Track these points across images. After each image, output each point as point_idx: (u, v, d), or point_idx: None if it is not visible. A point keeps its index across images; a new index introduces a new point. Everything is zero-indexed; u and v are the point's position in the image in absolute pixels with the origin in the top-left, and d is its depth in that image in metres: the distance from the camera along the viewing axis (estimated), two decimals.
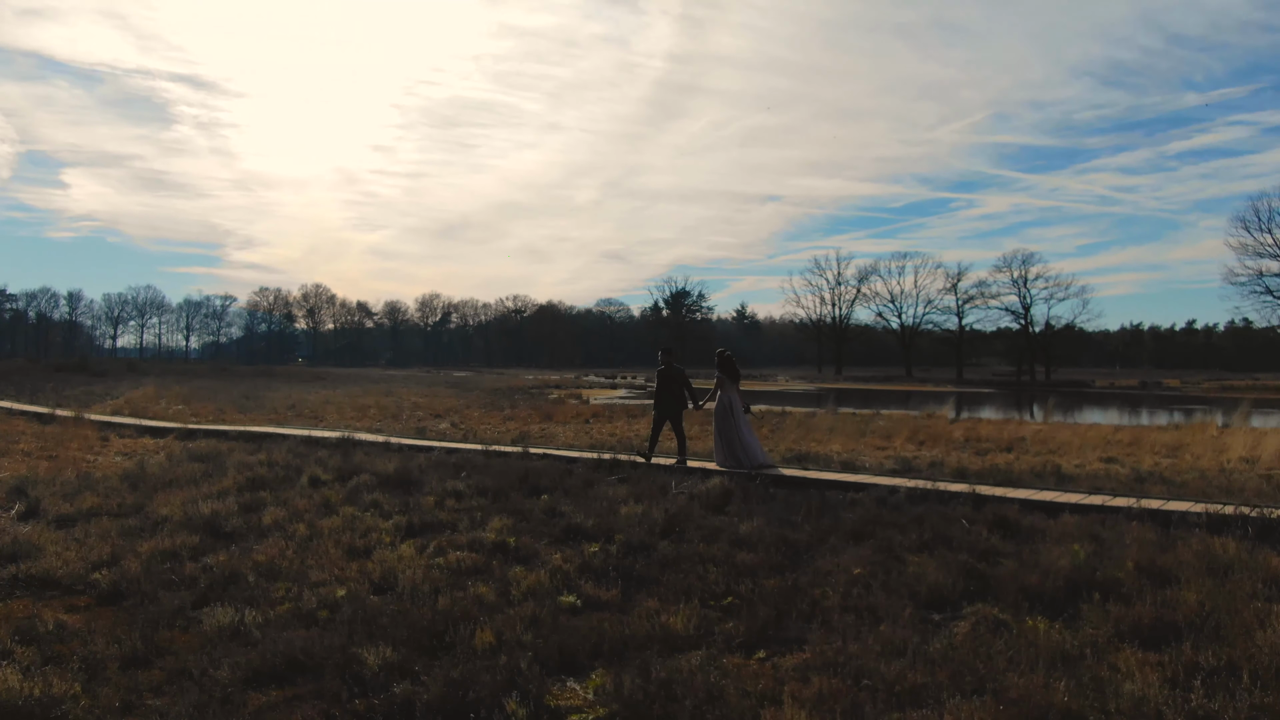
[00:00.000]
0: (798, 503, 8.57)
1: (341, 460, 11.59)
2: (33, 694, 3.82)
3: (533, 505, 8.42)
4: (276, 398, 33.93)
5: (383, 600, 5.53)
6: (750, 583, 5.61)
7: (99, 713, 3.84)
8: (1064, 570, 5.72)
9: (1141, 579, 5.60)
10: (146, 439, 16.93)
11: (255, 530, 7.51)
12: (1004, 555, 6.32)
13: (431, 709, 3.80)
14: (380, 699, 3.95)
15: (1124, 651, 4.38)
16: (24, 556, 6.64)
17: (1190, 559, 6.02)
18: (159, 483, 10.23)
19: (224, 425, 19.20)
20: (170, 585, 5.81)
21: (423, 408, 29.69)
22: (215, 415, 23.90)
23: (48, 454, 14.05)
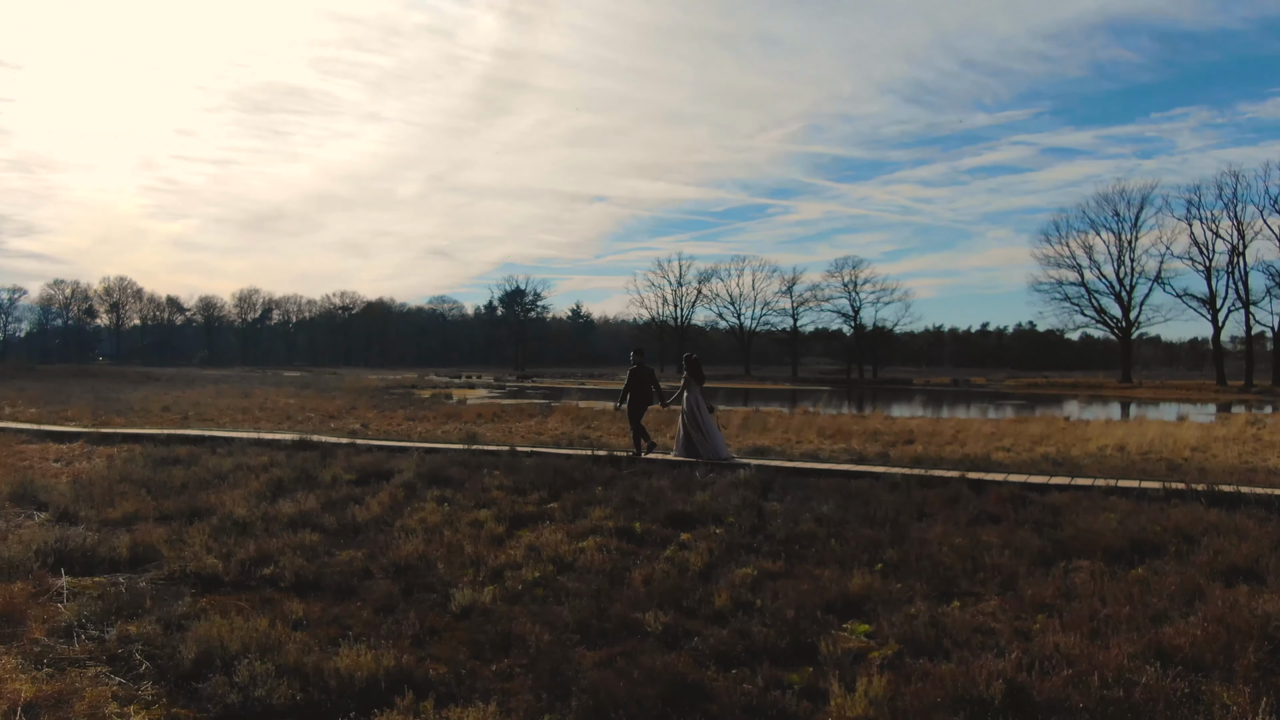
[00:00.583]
0: (825, 489, 9.54)
1: (346, 461, 11.54)
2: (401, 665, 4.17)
3: (597, 496, 8.95)
4: (134, 399, 31.70)
5: (569, 579, 6.01)
6: (893, 551, 6.49)
7: (471, 683, 4.22)
8: (1118, 533, 6.98)
9: (1176, 537, 6.95)
10: (58, 445, 15.76)
11: (352, 527, 7.65)
12: (1053, 525, 7.55)
13: (758, 650, 4.45)
14: (696, 649, 4.54)
15: (1216, 585, 5.62)
16: (150, 559, 6.56)
17: (1186, 522, 7.46)
18: (167, 488, 9.92)
19: (135, 429, 18.07)
20: (357, 576, 6.00)
21: (309, 409, 28.71)
22: (92, 419, 22.28)
23: None
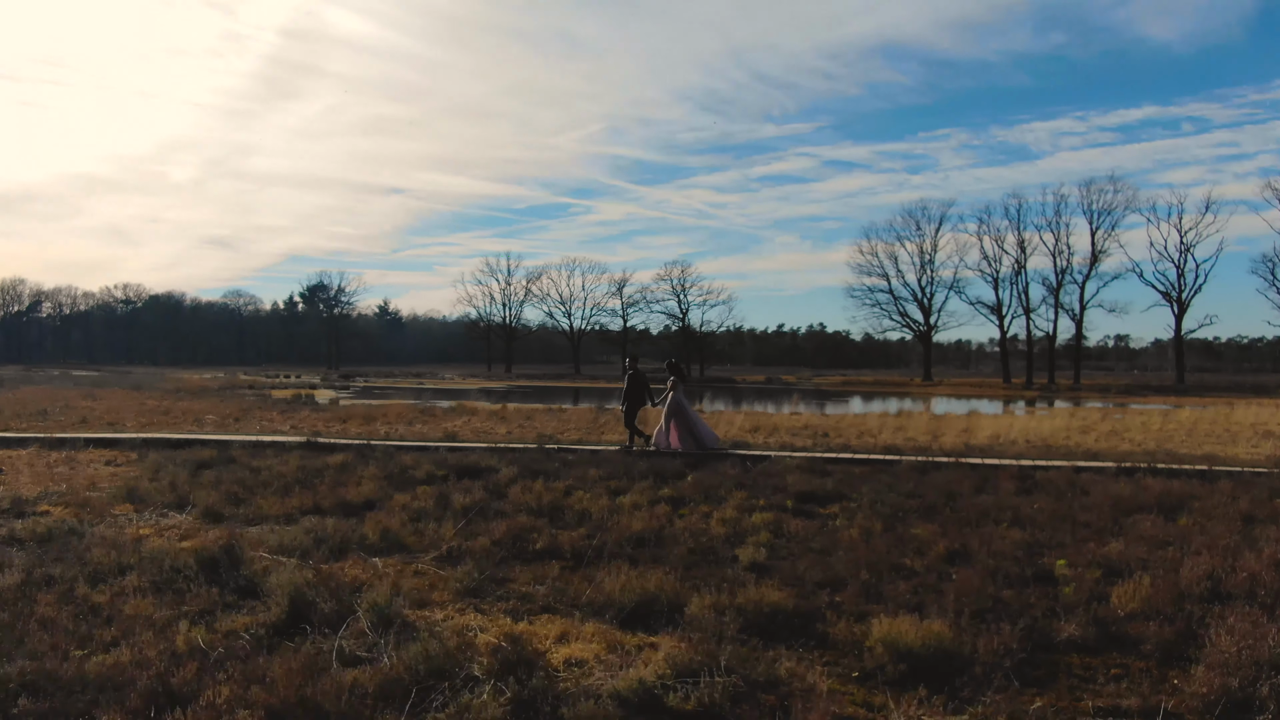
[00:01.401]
0: (857, 476, 11.51)
1: (423, 458, 12.27)
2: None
3: (685, 485, 10.44)
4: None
5: (791, 544, 7.54)
6: (1010, 516, 8.49)
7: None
8: (1139, 497, 9.36)
9: (1179, 499, 9.40)
10: (11, 451, 15.02)
11: (534, 511, 8.75)
12: (1084, 493, 9.85)
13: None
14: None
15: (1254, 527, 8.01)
16: (400, 547, 7.42)
17: (1168, 489, 10.01)
18: (271, 488, 10.40)
19: (91, 434, 17.30)
20: (608, 551, 7.22)
21: (180, 412, 27.57)
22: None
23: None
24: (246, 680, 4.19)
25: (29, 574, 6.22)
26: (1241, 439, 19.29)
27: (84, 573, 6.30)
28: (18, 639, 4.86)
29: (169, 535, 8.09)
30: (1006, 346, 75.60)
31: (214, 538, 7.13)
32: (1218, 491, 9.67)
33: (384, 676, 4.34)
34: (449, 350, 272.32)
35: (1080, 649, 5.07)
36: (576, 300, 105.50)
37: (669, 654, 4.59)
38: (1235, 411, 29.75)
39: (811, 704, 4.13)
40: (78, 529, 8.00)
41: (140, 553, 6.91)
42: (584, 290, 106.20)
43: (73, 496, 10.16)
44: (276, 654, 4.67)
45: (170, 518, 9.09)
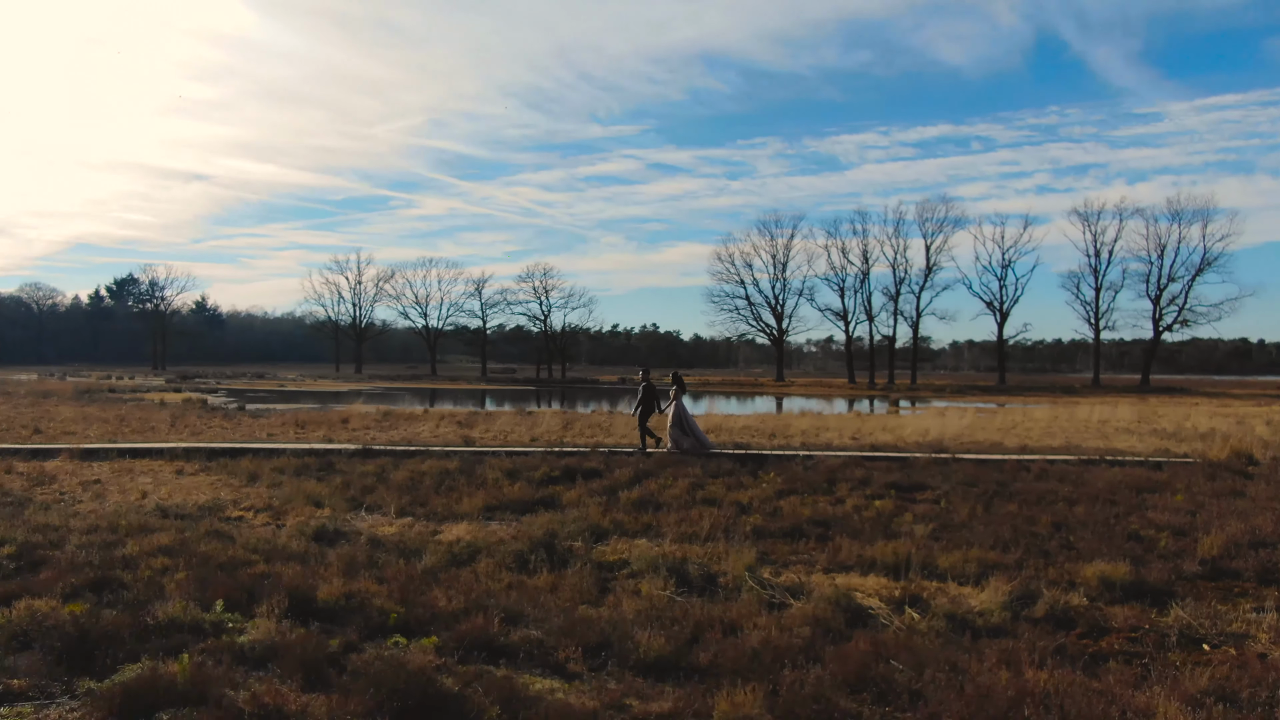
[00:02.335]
0: (898, 469, 14.00)
1: (519, 462, 13.63)
2: None
3: (776, 481, 12.55)
4: None
5: (928, 523, 9.79)
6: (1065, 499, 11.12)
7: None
8: (1130, 481, 12.30)
9: (1151, 483, 12.42)
10: (82, 463, 14.98)
11: (654, 504, 10.58)
12: (1076, 482, 12.72)
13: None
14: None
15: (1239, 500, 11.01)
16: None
17: (1142, 476, 13.08)
18: (380, 489, 11.62)
19: (125, 444, 17.16)
20: (830, 532, 9.23)
21: (131, 422, 26.86)
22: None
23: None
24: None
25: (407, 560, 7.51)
26: (1117, 434, 23.43)
27: (447, 558, 7.66)
28: (522, 601, 6.32)
29: (419, 531, 9.34)
30: (851, 349, 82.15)
31: (511, 531, 8.57)
32: (1179, 475, 12.82)
33: (807, 615, 6.20)
34: (273, 348, 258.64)
35: (1202, 578, 7.61)
36: (433, 300, 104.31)
37: (1008, 591, 6.72)
38: (1078, 410, 35.00)
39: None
40: (344, 530, 9.13)
41: (438, 543, 8.27)
42: (440, 290, 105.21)
43: (232, 506, 10.99)
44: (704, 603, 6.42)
45: (367, 518, 10.21)
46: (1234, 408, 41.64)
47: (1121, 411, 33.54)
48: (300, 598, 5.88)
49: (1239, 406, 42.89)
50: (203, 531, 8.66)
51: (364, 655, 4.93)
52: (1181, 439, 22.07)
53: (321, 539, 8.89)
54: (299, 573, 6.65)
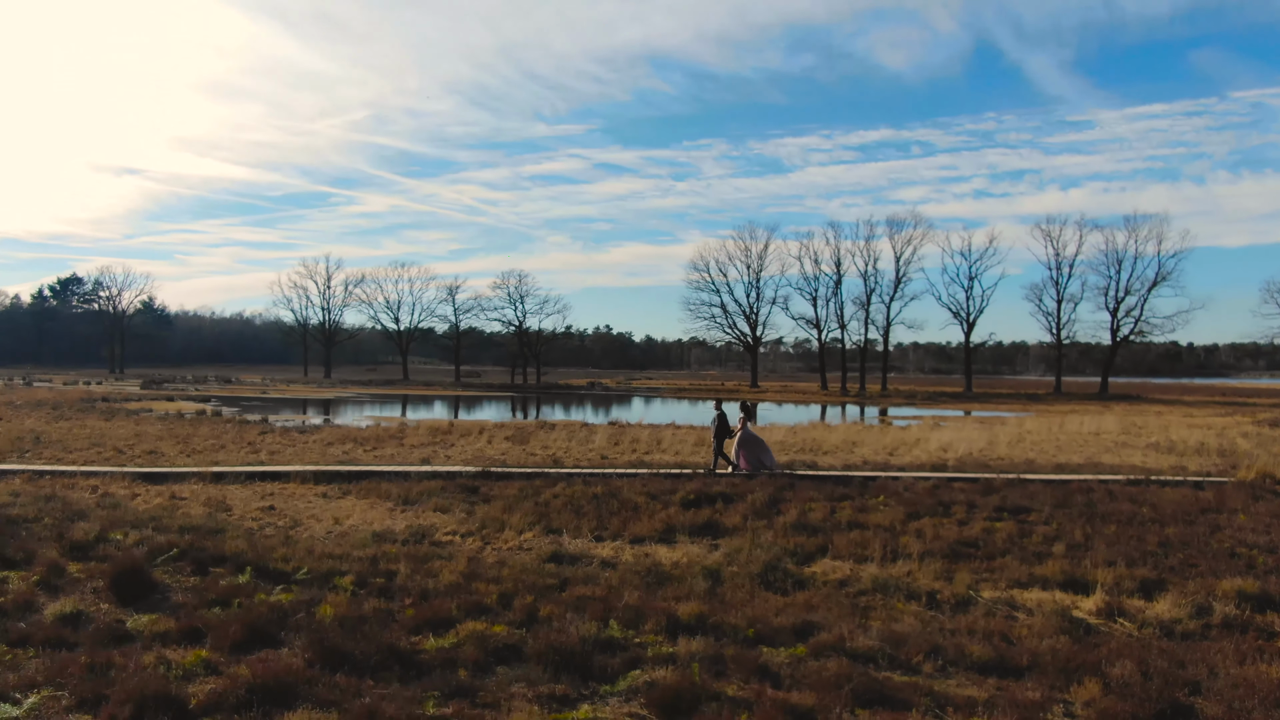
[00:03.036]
0: (982, 491, 15.84)
1: (657, 486, 15.15)
2: None
3: (877, 503, 14.29)
4: None
5: (1053, 543, 11.59)
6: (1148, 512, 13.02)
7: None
8: (1191, 501, 14.29)
9: (1209, 503, 14.42)
10: (216, 486, 16.06)
11: (811, 527, 12.25)
12: (1134, 501, 14.68)
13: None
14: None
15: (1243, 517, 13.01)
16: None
17: (1193, 496, 15.09)
18: (557, 513, 13.10)
19: (244, 467, 18.17)
20: (998, 551, 10.96)
21: (195, 442, 27.61)
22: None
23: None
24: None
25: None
26: (1121, 449, 25.70)
27: (703, 578, 9.20)
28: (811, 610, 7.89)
29: (633, 554, 10.84)
30: (824, 356, 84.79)
31: (719, 555, 10.16)
32: (1225, 496, 14.87)
33: (1039, 627, 7.89)
34: (223, 349, 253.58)
35: None
36: (405, 305, 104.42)
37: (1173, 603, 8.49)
38: (1066, 421, 37.56)
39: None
40: (566, 553, 10.60)
41: (666, 565, 9.82)
42: (412, 295, 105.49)
43: (433, 531, 12.33)
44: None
45: (570, 541, 11.67)
46: (1198, 418, 44.76)
47: (1106, 423, 36.13)
48: (670, 619, 7.37)
49: (1202, 416, 46.07)
50: (464, 561, 10.03)
51: (823, 666, 6.48)
52: (1182, 453, 24.41)
53: (558, 561, 10.36)
54: (639, 597, 8.13)
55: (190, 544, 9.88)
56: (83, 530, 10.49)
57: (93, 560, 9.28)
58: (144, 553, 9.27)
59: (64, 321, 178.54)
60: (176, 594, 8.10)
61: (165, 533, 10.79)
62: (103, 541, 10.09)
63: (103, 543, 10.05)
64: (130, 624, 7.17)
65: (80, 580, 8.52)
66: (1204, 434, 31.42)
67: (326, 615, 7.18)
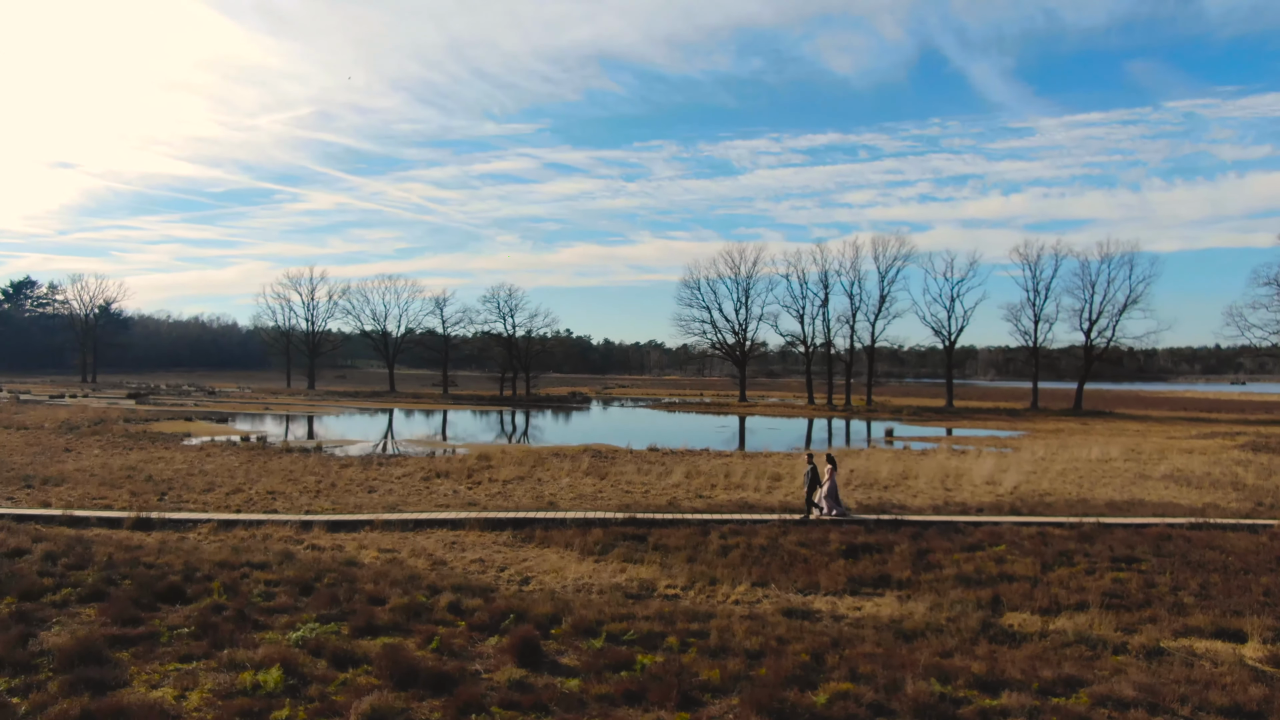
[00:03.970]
0: (1078, 538, 18.31)
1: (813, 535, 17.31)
2: None
3: (1001, 552, 16.66)
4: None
5: (1174, 591, 14.03)
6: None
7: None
8: (1270, 549, 16.89)
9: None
10: (387, 534, 17.82)
11: (968, 578, 14.54)
12: (1215, 548, 17.25)
13: None
14: None
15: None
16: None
17: (1254, 540, 17.71)
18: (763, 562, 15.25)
19: (402, 514, 19.89)
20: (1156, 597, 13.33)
21: (299, 478, 29.01)
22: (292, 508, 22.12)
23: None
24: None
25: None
26: (1141, 482, 28.50)
27: (927, 631, 11.40)
28: None
29: (849, 604, 13.00)
30: (810, 370, 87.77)
31: (922, 608, 12.38)
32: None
33: (1241, 676, 10.25)
34: (181, 354, 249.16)
35: None
36: (392, 317, 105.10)
37: None
38: (1071, 444, 40.54)
39: None
40: (796, 609, 12.74)
41: (888, 620, 12.02)
42: (400, 307, 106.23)
43: (645, 584, 14.34)
44: None
45: (776, 594, 13.79)
46: (1180, 439, 48.33)
47: (1108, 447, 39.21)
48: (973, 676, 9.55)
49: (1183, 437, 49.64)
50: (739, 620, 12.09)
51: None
52: (1199, 486, 27.28)
53: (791, 615, 12.48)
54: (918, 656, 10.29)
55: (504, 608, 11.79)
56: (423, 594, 12.34)
57: (461, 625, 11.20)
58: (531, 624, 11.17)
59: (16, 325, 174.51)
60: (567, 657, 10.05)
61: (464, 593, 12.66)
62: (451, 607, 11.97)
63: (453, 609, 11.93)
64: (562, 686, 9.13)
65: (473, 645, 10.40)
66: (1203, 461, 34.55)
67: (762, 674, 9.24)
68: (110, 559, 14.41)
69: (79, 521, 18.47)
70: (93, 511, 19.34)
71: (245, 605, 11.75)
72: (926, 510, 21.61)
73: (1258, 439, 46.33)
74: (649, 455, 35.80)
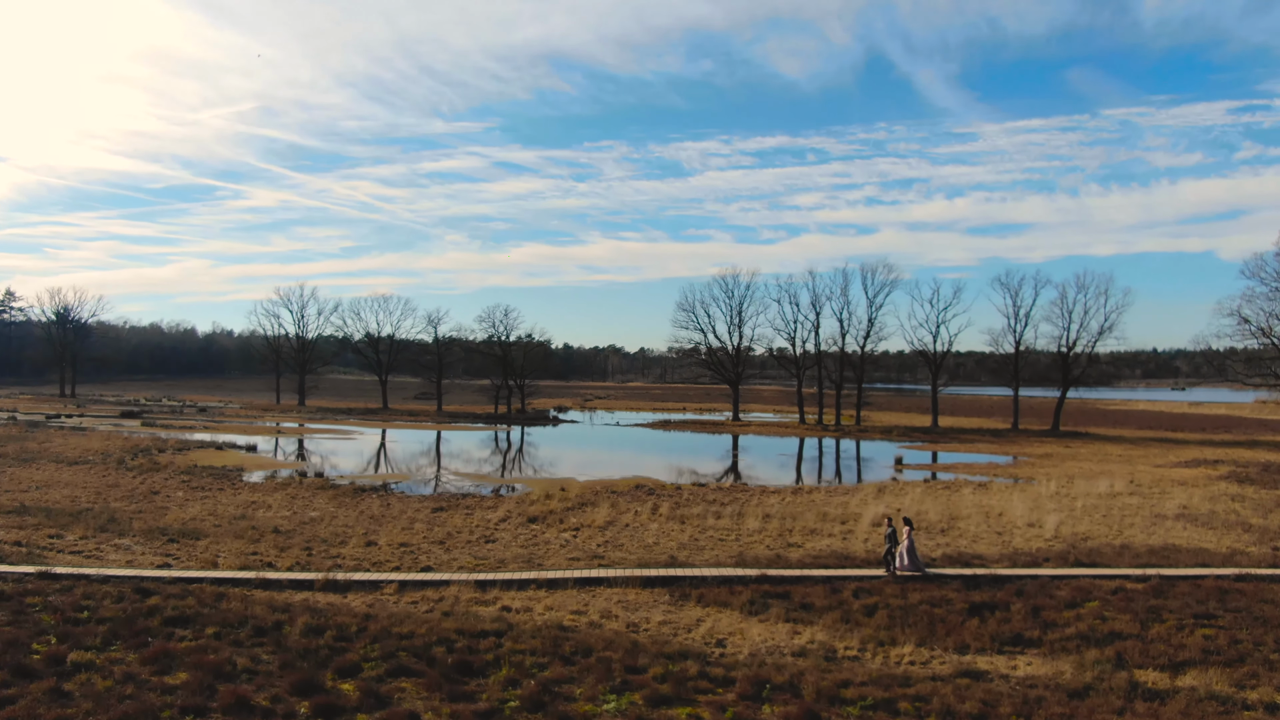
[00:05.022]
0: (1138, 593, 21.45)
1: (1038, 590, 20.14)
2: None
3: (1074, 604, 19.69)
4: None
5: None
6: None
7: None
8: None
9: None
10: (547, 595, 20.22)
11: (1091, 638, 17.51)
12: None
13: None
14: None
15: None
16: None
17: None
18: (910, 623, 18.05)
19: (542, 573, 22.24)
20: None
21: (355, 528, 31.01)
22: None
23: None
24: None
25: None
26: (1161, 523, 31.85)
27: (1118, 685, 14.27)
28: None
29: (1004, 664, 15.83)
30: (801, 391, 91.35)
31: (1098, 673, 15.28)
32: None
33: None
34: (140, 361, 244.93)
35: None
36: (385, 334, 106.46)
37: None
38: (1076, 475, 44.13)
39: None
40: (1006, 674, 15.55)
41: (1052, 670, 14.90)
42: (393, 325, 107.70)
43: (826, 648, 17.02)
44: None
45: (945, 656, 16.57)
46: (1168, 469, 52.36)
47: (1115, 483, 42.82)
48: None
49: (1169, 467, 53.69)
50: (926, 687, 14.82)
51: None
52: (1209, 524, 30.76)
53: (966, 676, 15.27)
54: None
55: (751, 676, 14.39)
56: (664, 663, 14.86)
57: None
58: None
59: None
60: None
61: (689, 659, 15.21)
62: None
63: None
64: None
65: (755, 713, 12.98)
66: (1201, 496, 38.22)
67: None
68: (364, 629, 16.66)
69: (272, 584, 20.56)
70: (281, 573, 21.40)
71: (529, 676, 14.17)
72: (998, 560, 24.57)
73: (1235, 468, 50.55)
74: (706, 494, 38.42)
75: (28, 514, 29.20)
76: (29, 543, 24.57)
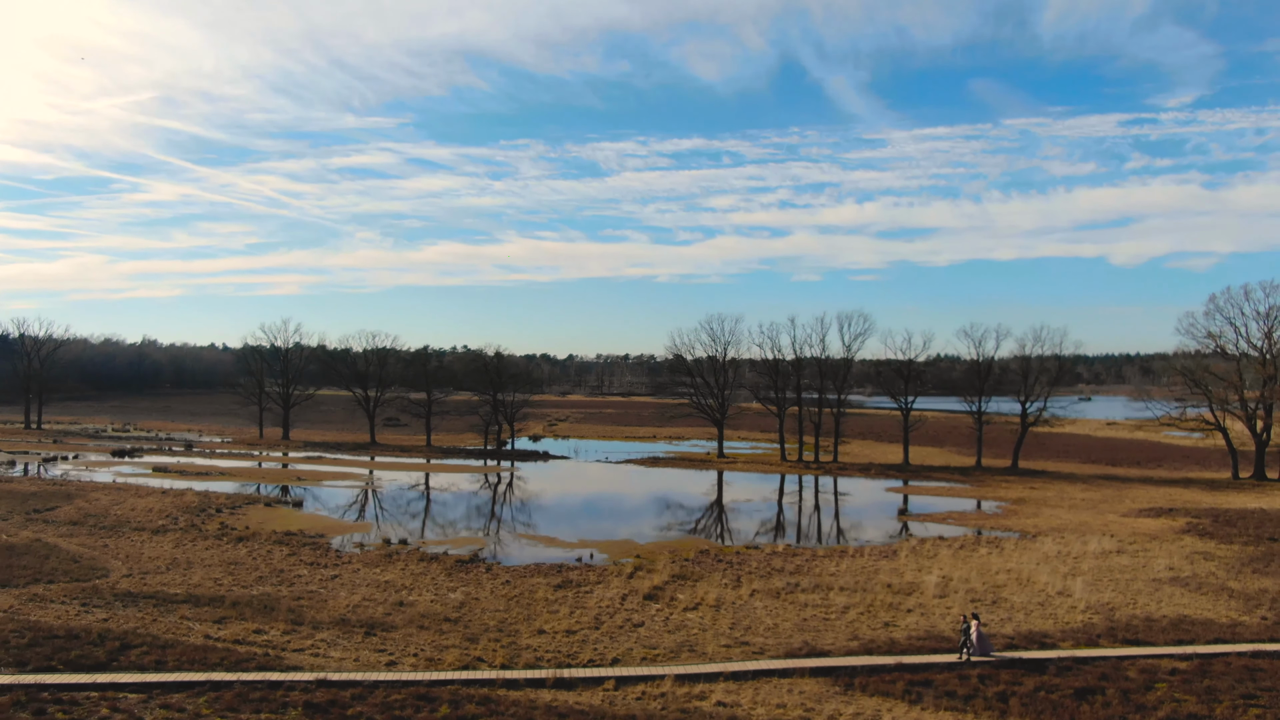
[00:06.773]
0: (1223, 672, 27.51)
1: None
2: None
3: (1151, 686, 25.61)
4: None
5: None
6: None
7: None
8: None
9: None
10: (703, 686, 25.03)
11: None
12: None
13: None
14: None
15: None
16: None
17: None
18: None
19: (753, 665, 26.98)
20: None
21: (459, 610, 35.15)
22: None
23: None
24: None
25: None
26: (1160, 588, 38.25)
27: None
28: None
29: None
30: (783, 431, 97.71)
31: None
32: None
33: None
34: (70, 378, 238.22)
35: None
36: (373, 372, 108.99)
37: None
38: (1057, 525, 50.84)
39: None
40: None
41: None
42: (379, 364, 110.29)
43: None
44: None
45: None
46: (1134, 519, 59.70)
47: (1103, 541, 49.46)
48: None
49: (1134, 518, 61.08)
50: None
51: None
52: (1199, 589, 37.26)
53: None
54: None
55: None
56: None
57: None
58: None
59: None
60: None
61: None
62: None
63: None
64: None
65: None
66: (1179, 556, 45.04)
67: None
68: None
69: (513, 684, 24.79)
70: (518, 673, 25.52)
71: None
72: (1062, 638, 30.30)
73: (1190, 519, 58.01)
74: (771, 561, 43.52)
75: (201, 604, 32.39)
76: (245, 640, 28.04)
